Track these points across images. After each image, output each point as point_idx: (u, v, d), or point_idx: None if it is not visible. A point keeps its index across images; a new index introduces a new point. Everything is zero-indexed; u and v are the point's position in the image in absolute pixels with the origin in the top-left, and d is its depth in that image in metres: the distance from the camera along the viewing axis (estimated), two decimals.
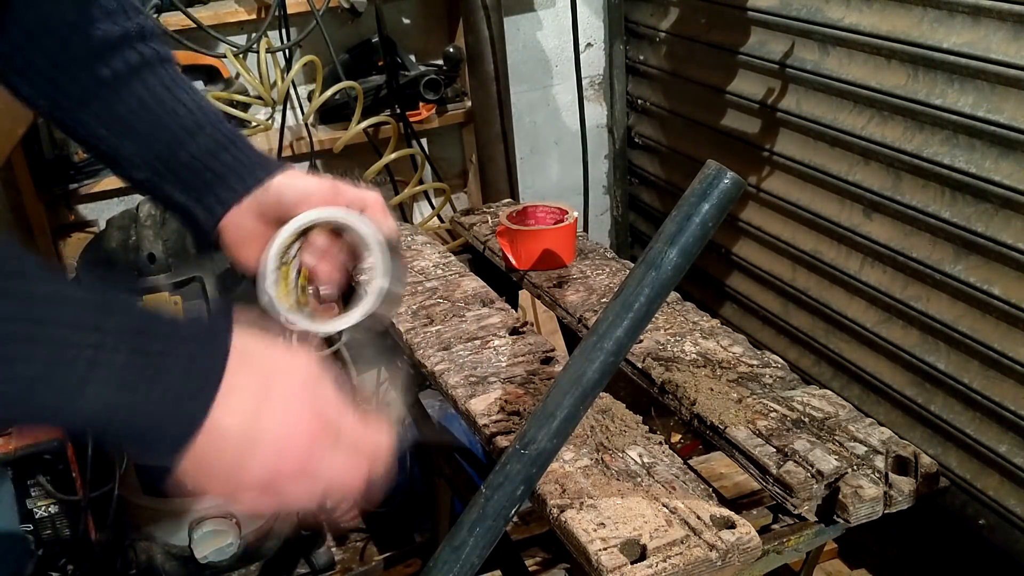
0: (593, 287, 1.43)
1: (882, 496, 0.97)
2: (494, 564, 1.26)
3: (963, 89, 1.65)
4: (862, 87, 1.85)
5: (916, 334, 1.86)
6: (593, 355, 0.73)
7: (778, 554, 0.99)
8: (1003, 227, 1.62)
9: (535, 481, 0.75)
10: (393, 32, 2.42)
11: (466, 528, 0.72)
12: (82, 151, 2.22)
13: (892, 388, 1.94)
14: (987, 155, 1.63)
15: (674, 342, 1.26)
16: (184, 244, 1.89)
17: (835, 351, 2.09)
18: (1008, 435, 1.70)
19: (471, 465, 1.72)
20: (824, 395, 1.13)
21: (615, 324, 0.73)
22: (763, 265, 2.26)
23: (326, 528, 2.22)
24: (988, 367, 1.71)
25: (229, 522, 1.98)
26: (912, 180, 1.79)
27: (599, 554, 0.89)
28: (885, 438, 1.05)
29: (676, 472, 1.02)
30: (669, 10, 2.50)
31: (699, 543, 0.90)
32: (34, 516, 1.89)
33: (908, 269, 1.84)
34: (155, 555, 1.99)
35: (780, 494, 0.99)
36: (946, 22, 1.66)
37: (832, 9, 1.90)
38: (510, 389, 1.17)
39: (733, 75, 2.24)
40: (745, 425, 1.07)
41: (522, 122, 2.68)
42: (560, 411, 0.73)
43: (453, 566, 0.72)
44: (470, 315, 1.37)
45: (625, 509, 0.95)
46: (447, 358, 1.26)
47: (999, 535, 1.76)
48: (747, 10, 2.12)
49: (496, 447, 1.08)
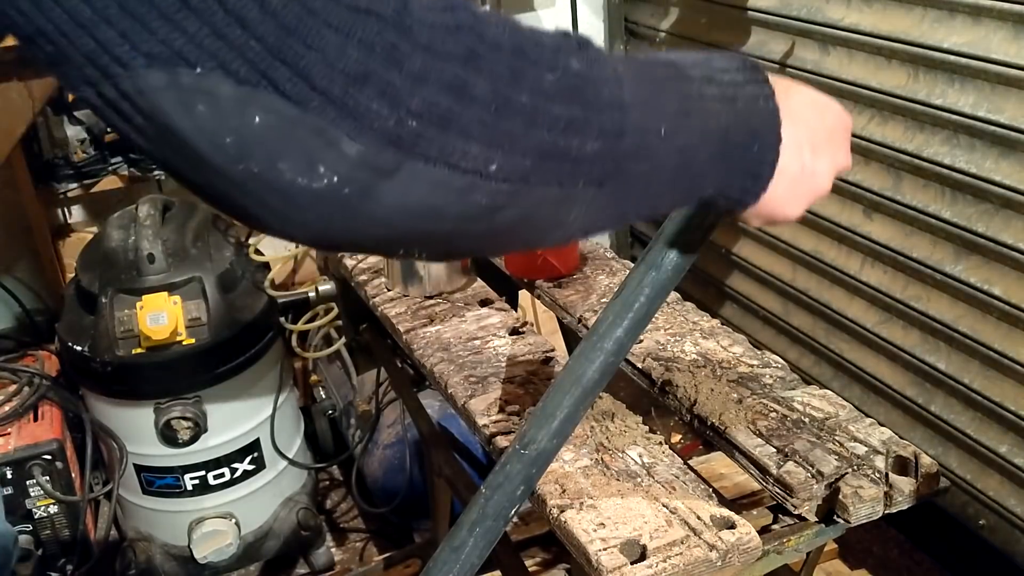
0: (593, 287, 1.43)
1: (882, 496, 0.97)
2: (494, 564, 1.26)
3: (963, 89, 1.65)
4: (862, 87, 1.85)
5: (916, 334, 1.86)
6: (593, 355, 0.72)
7: (778, 554, 0.99)
8: (1003, 227, 1.62)
9: (535, 481, 0.75)
10: None
11: (466, 528, 0.72)
12: (82, 151, 2.21)
13: (892, 388, 1.94)
14: (987, 155, 1.63)
15: (674, 342, 1.26)
16: (184, 244, 1.89)
17: (835, 351, 2.09)
18: (1008, 435, 1.70)
19: (471, 465, 1.72)
20: (824, 395, 1.13)
21: (615, 324, 0.73)
22: (763, 265, 2.26)
23: (326, 528, 2.22)
24: (988, 367, 1.71)
25: (229, 522, 1.98)
26: (912, 180, 1.79)
27: (599, 554, 0.88)
28: (885, 438, 1.05)
29: (676, 472, 1.01)
30: (669, 10, 2.50)
31: (699, 543, 0.90)
32: (33, 516, 1.89)
33: (908, 269, 1.84)
34: (155, 555, 1.99)
35: (780, 494, 0.99)
36: (946, 22, 1.66)
37: (832, 9, 1.90)
38: (510, 389, 1.17)
39: None
40: (745, 425, 1.06)
41: None
42: (560, 411, 0.73)
43: (453, 566, 0.71)
44: (470, 315, 1.37)
45: (625, 509, 0.94)
46: (447, 358, 1.25)
47: (999, 535, 1.76)
48: (747, 10, 2.12)
49: (496, 447, 1.08)
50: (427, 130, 0.45)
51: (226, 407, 1.92)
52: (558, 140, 0.49)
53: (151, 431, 1.86)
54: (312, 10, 0.42)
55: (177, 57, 0.40)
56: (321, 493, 2.35)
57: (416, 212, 0.47)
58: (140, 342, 1.79)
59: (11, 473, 1.83)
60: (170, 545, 2.00)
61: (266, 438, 2.01)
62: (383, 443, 2.20)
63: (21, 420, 1.91)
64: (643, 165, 0.55)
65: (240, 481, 1.98)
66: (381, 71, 0.43)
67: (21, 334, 2.29)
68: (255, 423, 1.98)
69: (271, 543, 2.07)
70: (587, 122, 0.51)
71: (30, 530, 1.90)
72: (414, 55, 0.44)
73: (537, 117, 0.48)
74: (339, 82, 0.42)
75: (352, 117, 0.43)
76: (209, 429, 1.89)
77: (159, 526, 2.01)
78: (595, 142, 0.51)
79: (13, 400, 1.94)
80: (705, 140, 0.58)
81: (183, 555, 1.99)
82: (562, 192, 0.52)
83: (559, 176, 0.51)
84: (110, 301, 1.82)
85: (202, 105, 0.41)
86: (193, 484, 1.94)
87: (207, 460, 1.93)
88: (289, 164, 0.43)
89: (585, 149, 0.51)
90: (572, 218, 0.54)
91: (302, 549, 2.14)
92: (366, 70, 0.43)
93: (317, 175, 0.43)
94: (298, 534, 2.08)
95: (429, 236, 0.50)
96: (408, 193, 0.46)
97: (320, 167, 0.43)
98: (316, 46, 0.42)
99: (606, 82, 0.52)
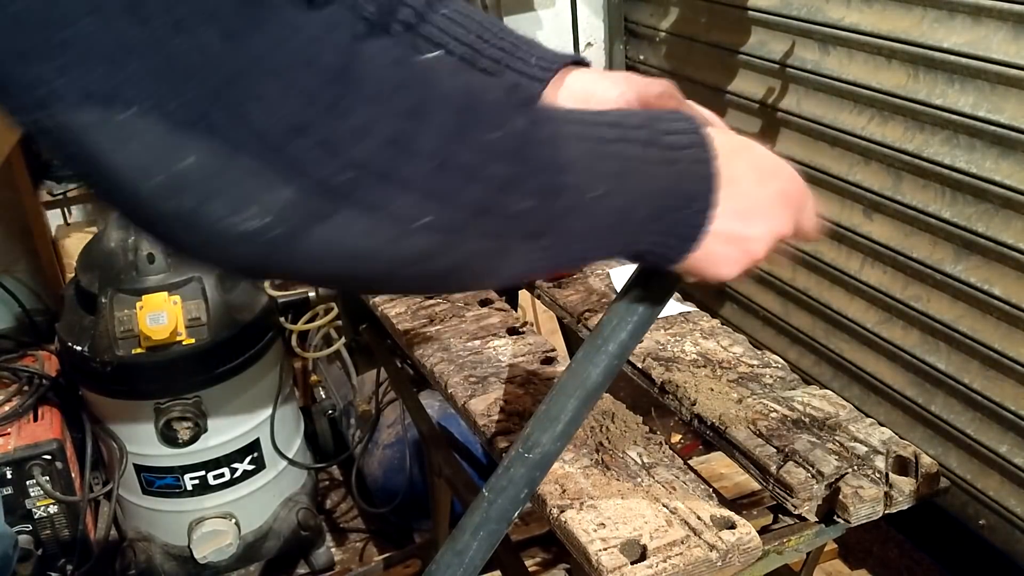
0: (593, 287, 1.43)
1: (882, 496, 0.97)
2: (494, 564, 1.26)
3: (963, 89, 1.65)
4: (862, 87, 1.85)
5: (916, 334, 1.86)
6: (597, 358, 0.72)
7: (778, 554, 0.99)
8: (1003, 227, 1.62)
9: (538, 483, 0.75)
10: None
11: (469, 532, 0.72)
12: None
13: (892, 388, 1.94)
14: (987, 155, 1.63)
15: (674, 342, 1.26)
16: None
17: (835, 351, 2.09)
18: (1008, 435, 1.70)
19: (471, 465, 1.72)
20: (824, 395, 1.13)
21: (619, 327, 0.73)
22: (763, 265, 2.26)
23: (326, 528, 2.22)
24: (988, 367, 1.71)
25: (229, 522, 1.98)
26: (912, 180, 1.79)
27: (599, 554, 0.89)
28: (885, 438, 1.05)
29: (676, 472, 1.01)
30: (669, 10, 2.50)
31: (699, 543, 0.90)
32: (33, 516, 1.89)
33: (908, 269, 1.84)
34: (155, 555, 1.99)
35: (780, 494, 0.99)
36: (946, 22, 1.66)
37: (832, 9, 1.90)
38: (510, 389, 1.17)
39: (733, 75, 2.24)
40: (745, 425, 1.06)
41: None
42: (564, 414, 0.72)
43: (456, 570, 0.71)
44: (470, 315, 1.37)
45: (625, 509, 0.95)
46: (447, 358, 1.25)
47: (999, 535, 1.77)
48: (747, 10, 2.12)
49: (496, 447, 1.08)
50: (365, 180, 0.45)
51: (226, 407, 1.92)
52: (495, 197, 0.51)
53: (151, 431, 1.86)
54: (257, 58, 0.42)
55: (113, 96, 0.41)
56: (321, 493, 2.35)
57: (346, 255, 0.48)
58: (140, 342, 1.79)
59: (11, 473, 1.83)
60: (170, 545, 2.00)
61: (266, 438, 2.01)
62: (383, 443, 2.20)
63: (21, 420, 1.91)
64: (578, 223, 0.57)
65: (240, 481, 1.98)
66: (322, 122, 0.44)
67: (21, 334, 2.29)
68: (255, 423, 1.98)
69: (271, 543, 2.07)
70: (525, 181, 0.52)
71: (30, 530, 1.90)
72: (358, 107, 0.45)
73: (476, 174, 0.50)
74: (279, 130, 0.43)
75: (289, 164, 0.43)
76: (209, 429, 1.89)
77: (159, 526, 2.01)
78: (531, 200, 0.53)
79: (13, 400, 1.94)
80: (642, 201, 0.60)
81: (183, 555, 1.99)
82: (495, 245, 0.53)
83: (493, 230, 0.52)
84: (110, 301, 1.82)
85: (135, 144, 0.42)
86: (193, 484, 1.94)
87: (207, 460, 1.93)
88: (219, 204, 0.43)
89: (520, 206, 0.52)
90: (505, 267, 0.56)
91: (302, 549, 2.14)
92: (307, 120, 0.43)
93: (247, 216, 0.44)
94: (298, 534, 2.08)
95: (359, 277, 0.52)
96: (339, 238, 0.46)
97: (252, 208, 0.44)
98: (258, 94, 0.42)
99: (548, 142, 0.54)
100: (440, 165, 0.48)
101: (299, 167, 0.44)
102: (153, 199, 0.43)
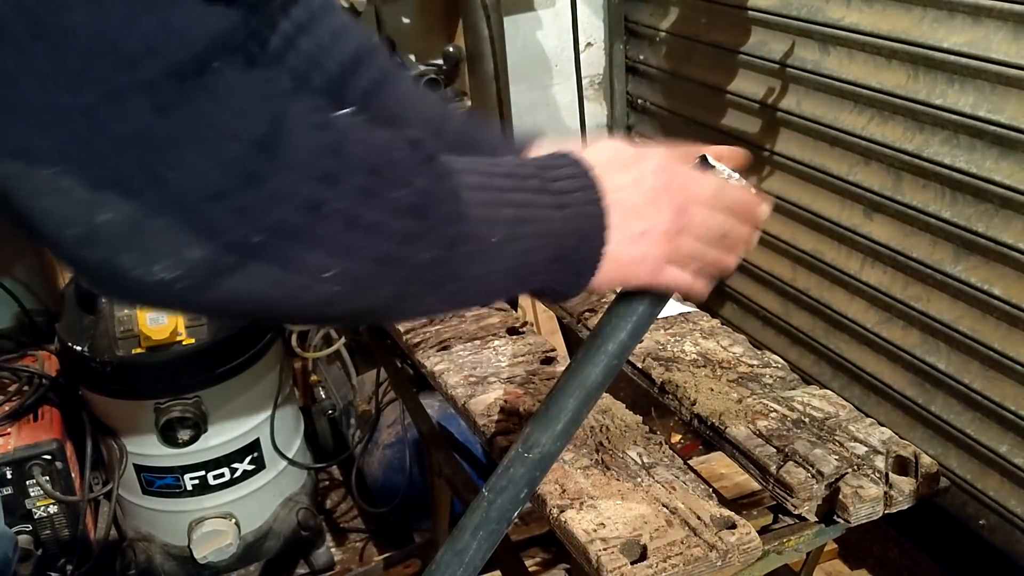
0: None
1: (882, 496, 0.97)
2: (494, 564, 1.26)
3: (963, 89, 1.65)
4: (862, 87, 1.85)
5: (916, 334, 1.86)
6: (597, 358, 0.72)
7: (778, 554, 0.99)
8: (1003, 227, 1.62)
9: (538, 483, 0.75)
10: (393, 32, 2.42)
11: (469, 531, 0.72)
12: None
13: (892, 388, 1.94)
14: (987, 155, 1.63)
15: (674, 342, 1.26)
16: None
17: (835, 351, 2.09)
18: (1008, 435, 1.70)
19: (471, 465, 1.72)
20: (824, 395, 1.13)
21: (619, 327, 0.73)
22: (763, 265, 2.26)
23: (326, 528, 2.22)
24: (988, 367, 1.71)
25: (229, 522, 1.98)
26: (912, 180, 1.79)
27: (599, 554, 0.89)
28: (885, 438, 1.05)
29: (676, 472, 1.01)
30: (669, 10, 2.50)
31: (699, 543, 0.90)
32: (33, 516, 1.89)
33: (908, 269, 1.84)
34: (155, 555, 1.99)
35: (780, 494, 0.99)
36: (946, 22, 1.66)
37: (832, 9, 1.90)
38: (510, 389, 1.17)
39: (733, 75, 2.24)
40: (745, 425, 1.06)
41: (522, 122, 2.68)
42: (564, 414, 0.73)
43: (456, 569, 0.71)
44: (470, 315, 1.37)
45: (625, 509, 0.95)
46: (447, 358, 1.25)
47: (999, 535, 1.76)
48: (747, 10, 2.12)
49: (496, 447, 1.08)
50: (276, 241, 0.48)
51: (226, 407, 1.92)
52: (399, 249, 0.54)
53: (151, 431, 1.86)
54: (184, 131, 0.44)
55: (38, 156, 0.43)
56: (321, 493, 2.35)
57: (254, 302, 0.51)
58: (140, 342, 1.79)
59: (11, 473, 1.83)
60: (170, 545, 2.00)
61: (266, 438, 2.01)
62: (383, 443, 2.20)
63: (21, 420, 1.91)
64: (477, 269, 0.60)
65: (240, 481, 1.98)
66: (239, 191, 0.46)
67: (21, 334, 2.29)
68: (255, 423, 1.98)
69: (271, 543, 2.07)
70: (427, 233, 0.55)
71: (30, 530, 1.90)
72: (276, 176, 0.48)
73: (382, 229, 0.52)
74: (197, 196, 0.45)
75: (204, 227, 0.46)
76: (209, 429, 1.89)
77: (159, 526, 2.01)
78: (434, 250, 0.56)
79: (13, 400, 1.94)
80: (538, 245, 0.63)
81: (183, 555, 1.99)
82: (401, 290, 0.56)
83: (399, 278, 0.55)
84: (110, 301, 1.82)
85: (53, 199, 0.44)
86: (193, 484, 1.94)
87: (207, 460, 1.93)
88: (132, 257, 0.46)
89: (424, 256, 0.55)
90: (413, 309, 0.61)
91: (302, 549, 2.14)
92: (225, 188, 0.46)
93: (159, 269, 0.46)
94: (298, 534, 2.08)
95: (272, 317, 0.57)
96: (247, 288, 0.49)
97: (164, 262, 0.46)
98: (181, 163, 0.45)
99: (447, 197, 0.57)
100: (348, 224, 0.51)
101: (213, 230, 0.46)
102: (71, 247, 0.46)
